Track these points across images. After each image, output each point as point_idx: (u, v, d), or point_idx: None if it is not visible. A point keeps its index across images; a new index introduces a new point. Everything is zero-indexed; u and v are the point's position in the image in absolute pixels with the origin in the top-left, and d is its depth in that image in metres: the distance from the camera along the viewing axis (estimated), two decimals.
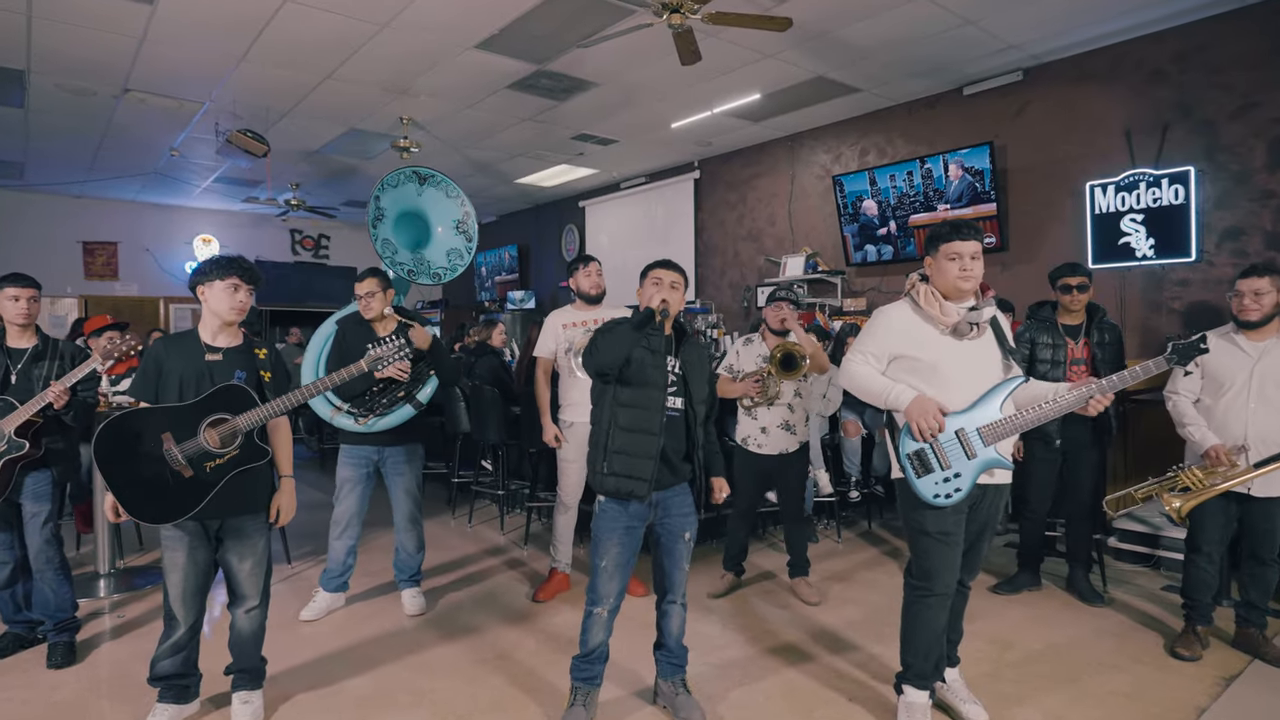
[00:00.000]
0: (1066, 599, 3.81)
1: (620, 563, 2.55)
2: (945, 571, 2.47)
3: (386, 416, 3.50)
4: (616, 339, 2.42)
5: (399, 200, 3.76)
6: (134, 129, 6.94)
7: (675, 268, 2.64)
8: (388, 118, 6.65)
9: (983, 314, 2.43)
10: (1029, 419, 2.41)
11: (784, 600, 3.84)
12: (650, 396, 2.49)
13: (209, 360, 2.48)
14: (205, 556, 2.51)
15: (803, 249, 7.08)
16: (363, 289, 3.55)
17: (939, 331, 2.45)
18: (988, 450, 2.40)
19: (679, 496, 2.63)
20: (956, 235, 2.42)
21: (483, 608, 3.77)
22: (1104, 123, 5.20)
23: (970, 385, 2.42)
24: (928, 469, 2.41)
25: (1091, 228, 5.16)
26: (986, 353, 2.49)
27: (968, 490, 2.40)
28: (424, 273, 3.82)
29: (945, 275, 2.43)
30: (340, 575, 3.68)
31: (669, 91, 6.06)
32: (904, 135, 6.39)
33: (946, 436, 2.40)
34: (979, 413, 2.41)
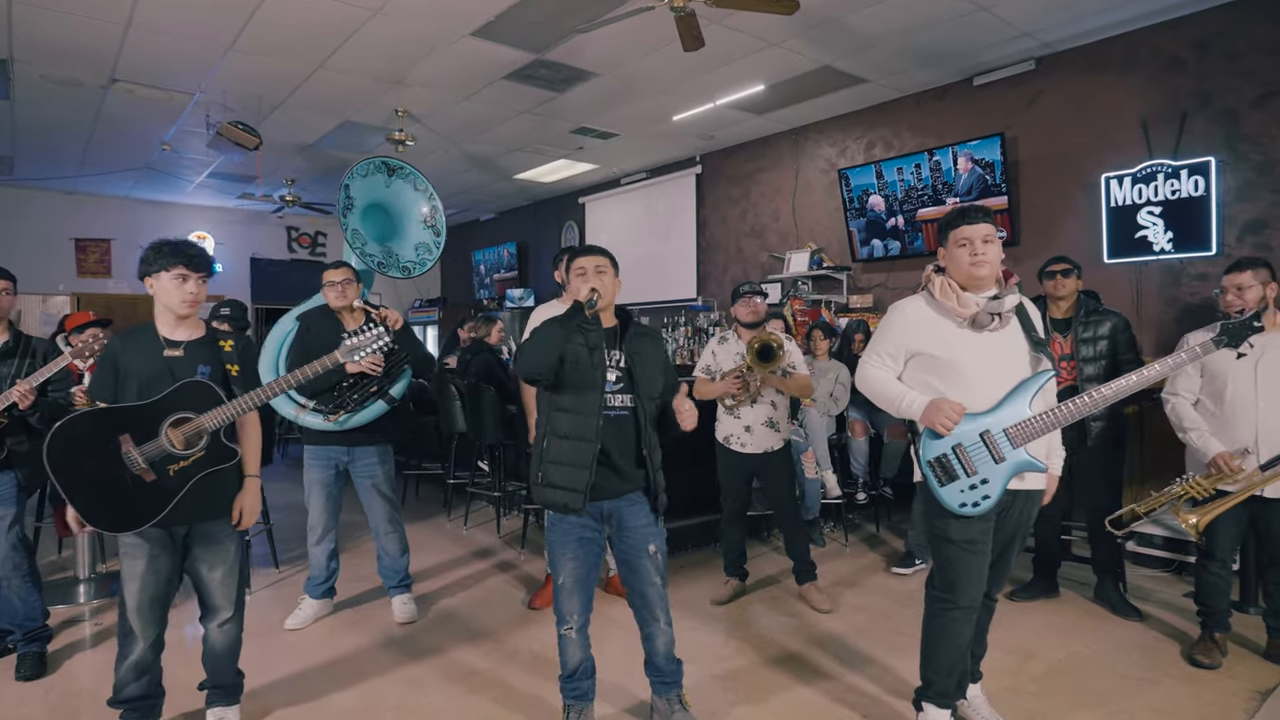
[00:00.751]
0: (1087, 606, 3.65)
1: (578, 577, 2.37)
2: (971, 584, 2.30)
3: (359, 413, 3.33)
4: (544, 339, 2.24)
5: (367, 191, 3.59)
6: (124, 122, 6.78)
7: (598, 251, 2.42)
8: (382, 110, 6.49)
9: (1005, 303, 2.25)
10: (1063, 415, 2.21)
11: (791, 607, 3.68)
12: (587, 400, 2.30)
13: (168, 356, 2.31)
14: (168, 565, 2.34)
15: (807, 245, 6.92)
16: (338, 275, 3.39)
17: (957, 325, 2.27)
18: (1017, 452, 2.22)
19: (633, 506, 2.41)
20: (964, 220, 2.26)
21: (476, 615, 3.61)
22: (1119, 113, 5.04)
23: (995, 382, 2.25)
24: (952, 476, 2.23)
25: (1107, 221, 5.00)
26: (1012, 345, 2.29)
27: (997, 497, 2.22)
28: (393, 265, 3.65)
29: (958, 264, 2.26)
30: (325, 581, 3.53)
31: (671, 83, 5.90)
32: (911, 127, 6.23)
33: (971, 440, 2.22)
34: (1006, 412, 2.23)
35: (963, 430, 2.21)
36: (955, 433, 2.21)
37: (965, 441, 2.22)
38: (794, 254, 6.93)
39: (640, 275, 8.37)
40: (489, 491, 5.23)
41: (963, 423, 2.20)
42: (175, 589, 2.41)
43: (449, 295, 12.41)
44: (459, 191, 9.93)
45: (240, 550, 2.47)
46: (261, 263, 11.31)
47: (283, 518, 4.99)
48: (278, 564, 4.28)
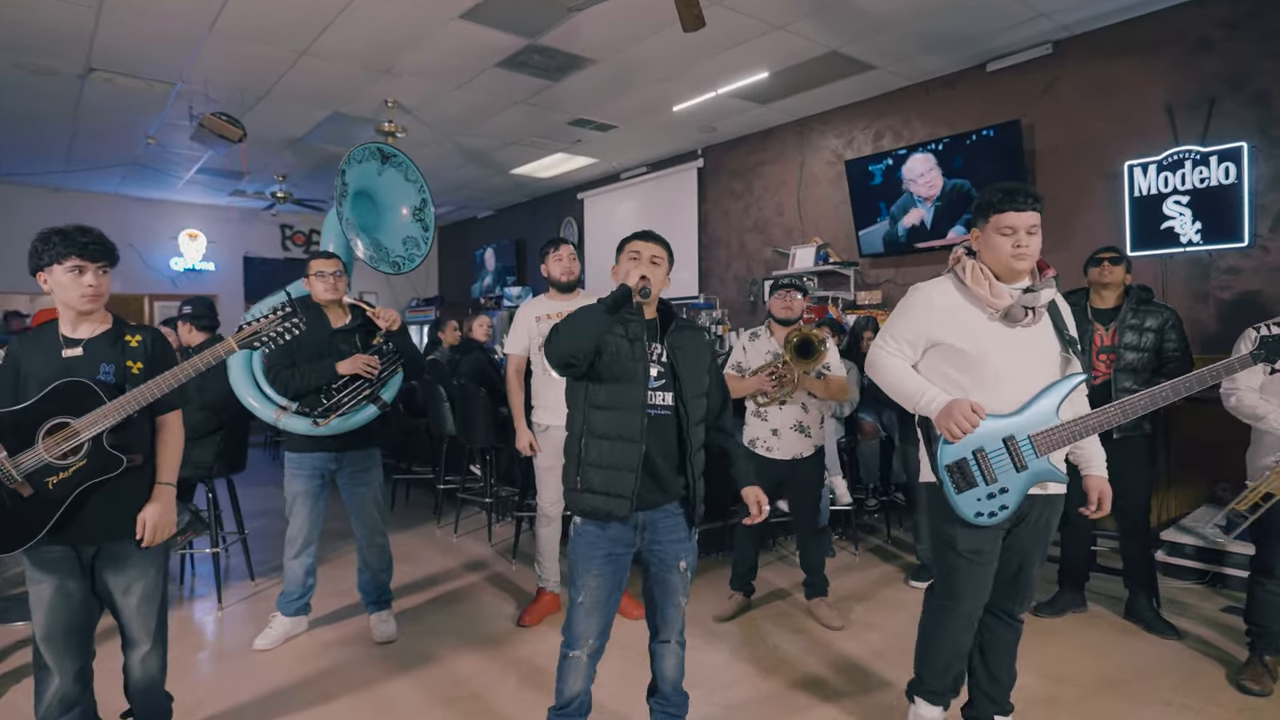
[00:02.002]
0: (1117, 623, 3.39)
1: (601, 597, 2.12)
2: (972, 594, 2.16)
3: (350, 418, 3.10)
4: (582, 323, 1.99)
5: (359, 178, 3.35)
6: (105, 114, 6.55)
7: (657, 240, 2.19)
8: (372, 100, 6.25)
9: (1040, 296, 2.04)
10: (1092, 424, 2.03)
11: (799, 623, 3.43)
12: (629, 394, 2.06)
13: (67, 357, 2.04)
14: (80, 590, 2.07)
15: (812, 239, 6.67)
16: (329, 266, 3.14)
17: (987, 317, 2.07)
18: (1040, 461, 2.05)
19: (670, 518, 2.18)
20: (1010, 204, 2.01)
21: (461, 633, 3.36)
22: (1142, 97, 4.78)
23: (1023, 382, 2.06)
24: (970, 483, 2.05)
25: (1130, 211, 4.74)
26: (1043, 344, 2.11)
27: (1014, 508, 2.06)
28: (384, 259, 3.41)
29: (997, 253, 2.03)
30: (300, 598, 3.28)
31: (670, 70, 5.65)
32: (921, 116, 5.97)
33: (994, 445, 2.04)
34: (1032, 417, 2.04)
35: (985, 434, 2.03)
36: (977, 436, 2.02)
37: (988, 446, 2.04)
38: (799, 249, 6.68)
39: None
40: (480, 498, 4.98)
41: (985, 425, 2.02)
42: (95, 616, 2.14)
43: (446, 294, 12.19)
44: (455, 188, 9.69)
45: (162, 574, 2.19)
46: (255, 261, 11.07)
47: (260, 525, 4.75)
48: (253, 576, 4.04)
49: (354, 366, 3.08)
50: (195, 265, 10.48)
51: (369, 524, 3.29)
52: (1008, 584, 2.20)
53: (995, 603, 2.21)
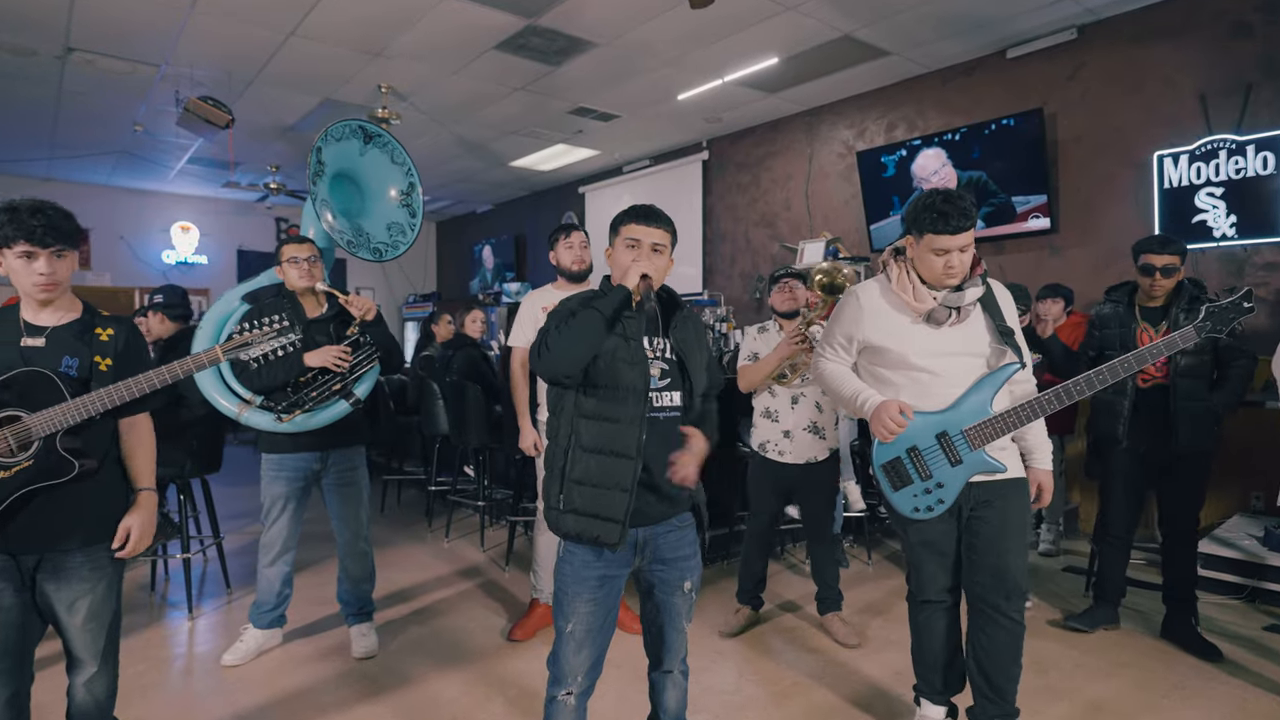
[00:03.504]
0: (1153, 643, 3.15)
1: (593, 625, 1.84)
2: (930, 581, 2.24)
3: (316, 414, 2.85)
4: (577, 333, 1.72)
5: (339, 158, 3.11)
6: (89, 99, 6.31)
7: (658, 221, 1.87)
8: (365, 86, 6.02)
9: (965, 296, 2.06)
10: (1025, 414, 2.03)
11: (812, 640, 3.19)
12: (625, 404, 1.77)
13: (26, 346, 1.81)
14: (18, 605, 1.82)
15: (822, 234, 6.42)
16: (303, 251, 2.92)
17: (910, 320, 2.10)
18: (976, 454, 2.06)
19: (674, 533, 1.91)
20: (944, 226, 1.98)
21: (447, 648, 3.12)
22: (1173, 84, 4.54)
23: (954, 379, 2.09)
24: (905, 480, 2.12)
25: (1160, 204, 4.50)
26: (972, 338, 2.11)
27: (952, 501, 2.10)
28: (364, 246, 3.17)
29: (929, 268, 2.06)
30: (274, 608, 3.04)
31: (676, 54, 5.41)
32: (937, 106, 5.73)
33: (926, 442, 2.09)
34: (965, 411, 2.06)
35: (918, 432, 2.08)
36: (909, 434, 2.08)
37: (921, 444, 2.09)
38: (808, 244, 6.43)
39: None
40: (473, 501, 4.75)
41: (917, 423, 2.07)
42: (36, 635, 1.91)
43: (444, 290, 11.95)
44: (453, 181, 9.46)
45: (113, 589, 1.95)
46: (249, 255, 10.83)
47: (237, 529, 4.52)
48: (229, 584, 3.79)
49: (323, 359, 2.84)
50: (188, 259, 10.25)
51: (353, 529, 3.05)
52: (989, 575, 2.12)
53: (982, 596, 2.14)
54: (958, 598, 2.26)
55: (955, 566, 2.20)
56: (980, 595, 2.13)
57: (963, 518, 2.14)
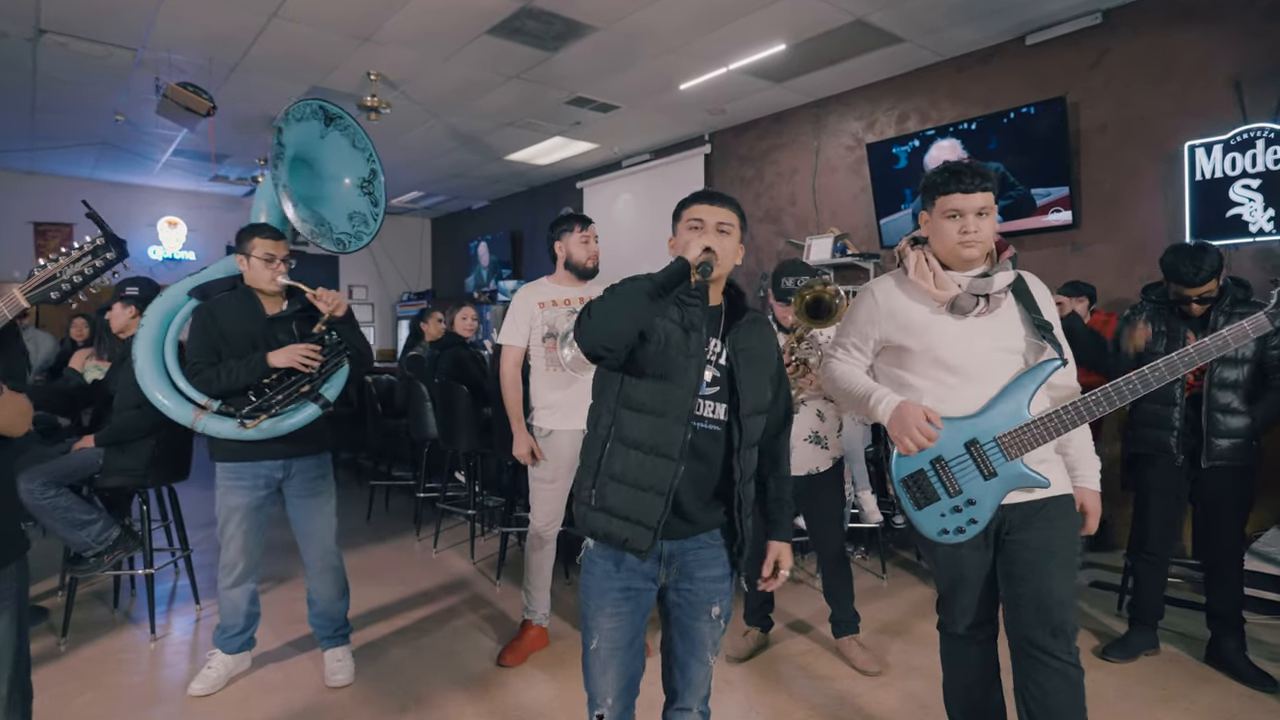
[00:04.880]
0: (1196, 668, 2.90)
1: (618, 644, 1.68)
2: (961, 615, 1.97)
3: (284, 419, 2.60)
4: (624, 302, 1.54)
5: (298, 141, 2.84)
6: (66, 85, 6.05)
7: (725, 201, 1.71)
8: (354, 74, 5.76)
9: (994, 282, 1.81)
10: (1070, 417, 1.76)
11: (826, 666, 2.94)
12: (674, 398, 1.61)
13: None
14: None
15: (829, 230, 6.18)
16: (280, 249, 2.65)
17: (932, 310, 1.85)
18: (1012, 466, 1.78)
19: (705, 550, 1.71)
20: (957, 185, 1.78)
21: (431, 674, 2.87)
22: (1204, 71, 4.30)
23: (985, 379, 1.82)
24: (930, 497, 1.83)
25: (1191, 197, 4.25)
26: (1004, 332, 1.84)
27: (986, 520, 1.81)
28: (326, 236, 2.90)
29: (944, 239, 1.83)
30: (242, 632, 2.78)
31: (678, 39, 5.16)
32: (951, 96, 5.48)
33: (954, 452, 1.80)
34: (998, 416, 1.79)
35: (944, 440, 1.80)
36: (935, 445, 1.79)
37: (948, 454, 1.81)
38: (815, 240, 6.19)
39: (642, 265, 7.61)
40: (463, 509, 4.49)
41: (944, 431, 1.78)
42: None
43: (439, 288, 11.70)
44: (448, 175, 9.21)
45: (15, 621, 1.64)
46: None
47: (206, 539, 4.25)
48: (198, 599, 3.53)
49: (289, 358, 2.57)
50: (175, 254, 9.99)
51: (321, 545, 2.78)
52: (1030, 610, 1.79)
53: (1025, 636, 1.81)
54: (995, 629, 1.99)
55: (991, 597, 1.93)
56: (1023, 635, 1.81)
57: (998, 543, 1.85)
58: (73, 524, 2.96)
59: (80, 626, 3.19)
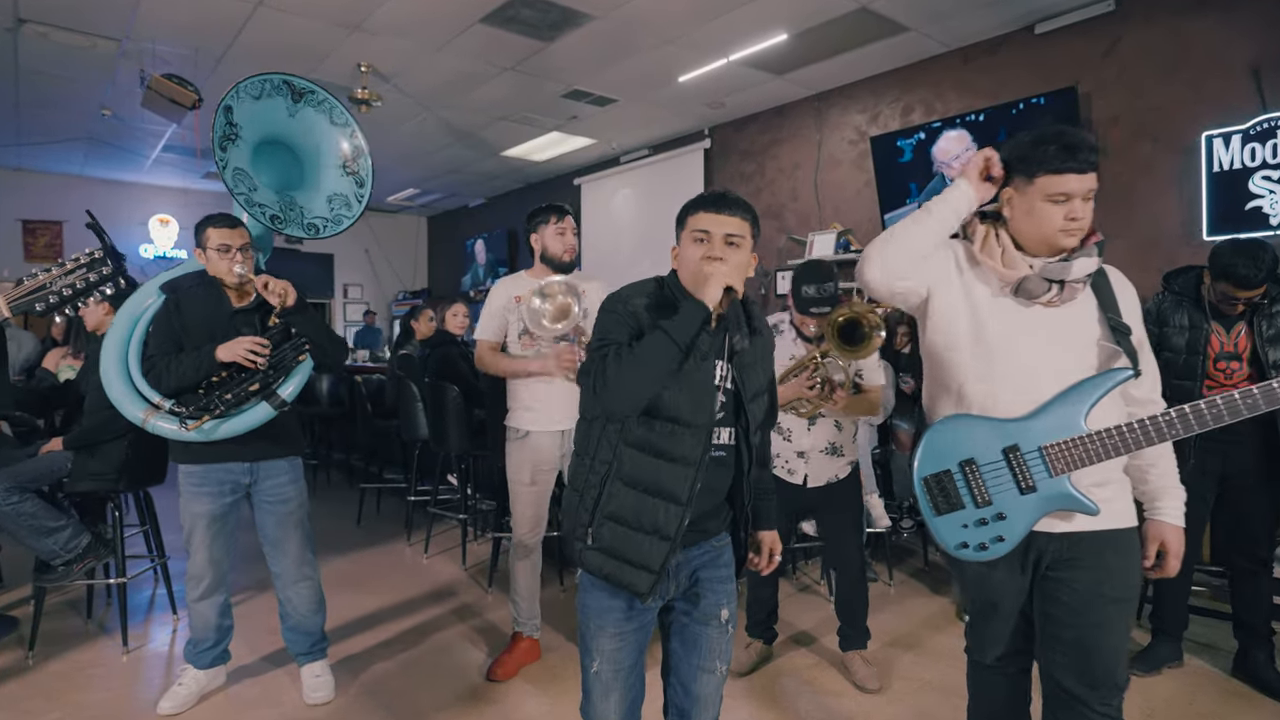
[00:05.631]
0: (1222, 681, 2.76)
1: (620, 665, 1.57)
2: (991, 644, 1.75)
3: (231, 419, 2.42)
4: (646, 365, 1.39)
5: (262, 121, 2.65)
6: (49, 77, 5.90)
7: (736, 207, 1.51)
8: (344, 65, 5.61)
9: (1072, 268, 1.52)
10: (1133, 437, 1.47)
11: (832, 682, 2.79)
12: (682, 442, 1.47)
13: None
14: None
15: (832, 225, 6.03)
16: (237, 239, 2.46)
17: (994, 291, 1.58)
18: (1056, 483, 1.51)
19: (709, 553, 1.60)
20: (1071, 162, 1.47)
21: (417, 690, 2.72)
22: (1221, 59, 4.15)
23: (1042, 377, 1.53)
24: (952, 503, 1.57)
25: (1208, 188, 4.11)
26: (1074, 328, 1.56)
27: (1016, 541, 1.54)
28: (294, 221, 2.72)
29: (1040, 224, 1.52)
30: (215, 645, 2.63)
31: (677, 28, 5.00)
32: (958, 87, 5.33)
33: (989, 456, 1.55)
34: (1048, 422, 1.52)
35: (979, 440, 1.56)
36: (967, 442, 1.56)
37: (981, 457, 1.55)
38: (817, 236, 6.04)
39: (641, 263, 7.48)
40: (454, 514, 4.34)
41: (979, 429, 1.56)
42: None
43: (435, 287, 11.55)
44: (443, 172, 9.06)
45: None
46: None
47: None
48: (175, 608, 3.38)
49: (232, 352, 2.38)
50: (166, 253, 9.84)
51: (292, 555, 2.60)
52: (1070, 657, 1.56)
53: (1060, 681, 1.58)
54: (1029, 661, 1.76)
55: (1026, 628, 1.70)
56: (1058, 680, 1.58)
57: (1036, 573, 1.61)
58: (39, 531, 2.81)
59: (50, 638, 3.04)
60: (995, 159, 1.56)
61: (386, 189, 10.00)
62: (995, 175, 1.56)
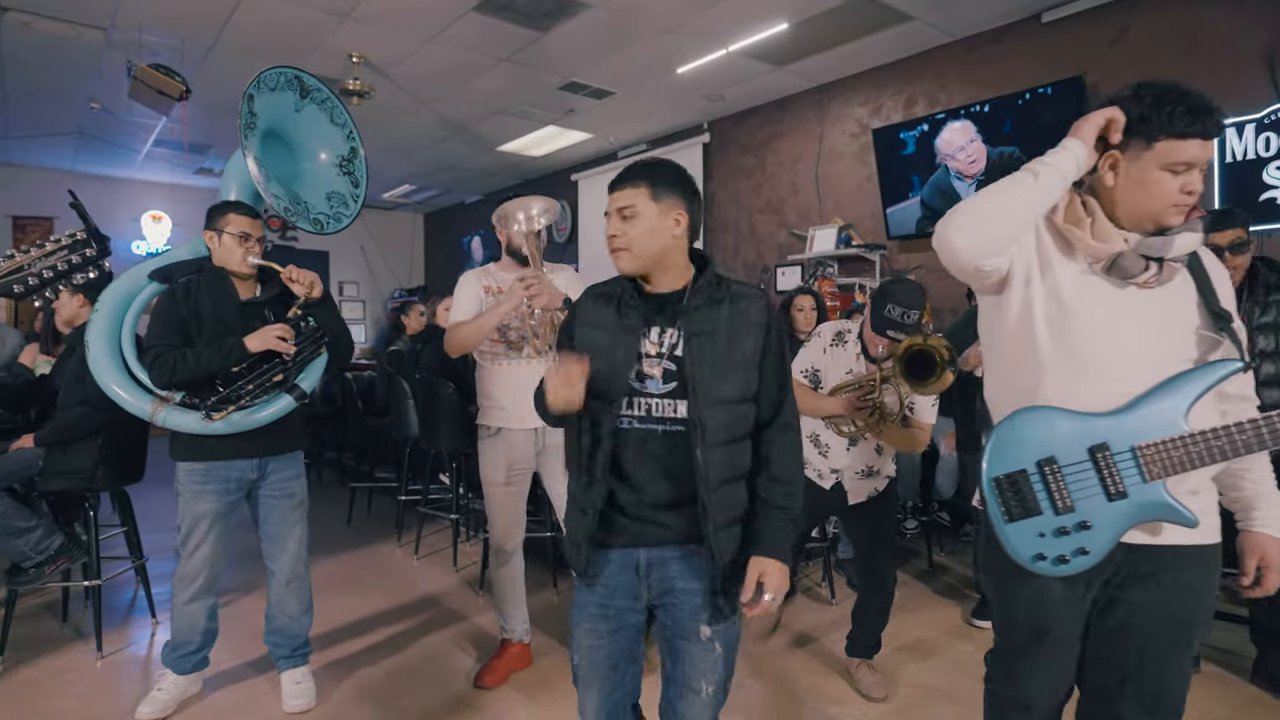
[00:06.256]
0: (1243, 688, 2.65)
1: (595, 663, 1.52)
2: (1027, 681, 1.48)
3: (256, 412, 2.34)
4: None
5: (271, 112, 2.60)
6: (34, 68, 5.78)
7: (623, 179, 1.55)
8: (336, 55, 5.50)
9: (1174, 243, 1.33)
10: (1244, 438, 1.28)
11: (834, 688, 2.68)
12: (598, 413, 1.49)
13: None
14: None
15: (833, 220, 5.92)
16: (256, 228, 2.42)
17: (1083, 268, 1.38)
18: (1151, 489, 1.32)
19: (683, 561, 1.50)
20: (1199, 126, 1.28)
21: (402, 695, 2.61)
22: (1233, 47, 4.04)
23: (1131, 366, 1.35)
24: (1028, 508, 1.36)
25: (1221, 180, 4.00)
26: (1172, 313, 1.38)
27: (1102, 555, 1.34)
28: (303, 216, 2.66)
29: (1152, 195, 1.33)
30: (199, 650, 2.52)
31: (675, 19, 4.89)
32: (962, 79, 5.22)
33: (1072, 456, 1.35)
34: (1141, 419, 1.33)
35: (1061, 437, 1.35)
36: (1047, 439, 1.36)
37: (1063, 456, 1.35)
38: (818, 230, 5.93)
39: None
40: (446, 514, 4.23)
41: (1063, 424, 1.35)
42: None
43: (432, 284, 11.43)
44: (439, 168, 8.96)
45: None
46: None
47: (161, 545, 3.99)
48: (154, 612, 3.25)
49: (264, 340, 2.31)
50: (159, 249, 9.71)
51: (293, 551, 2.53)
52: (1124, 684, 1.41)
53: (1114, 710, 1.43)
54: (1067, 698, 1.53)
55: (1072, 660, 1.48)
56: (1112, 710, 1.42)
57: (1096, 590, 1.42)
58: (7, 531, 2.70)
59: (22, 643, 2.92)
60: (1121, 120, 1.32)
61: (382, 185, 9.89)
62: (1113, 140, 1.35)
